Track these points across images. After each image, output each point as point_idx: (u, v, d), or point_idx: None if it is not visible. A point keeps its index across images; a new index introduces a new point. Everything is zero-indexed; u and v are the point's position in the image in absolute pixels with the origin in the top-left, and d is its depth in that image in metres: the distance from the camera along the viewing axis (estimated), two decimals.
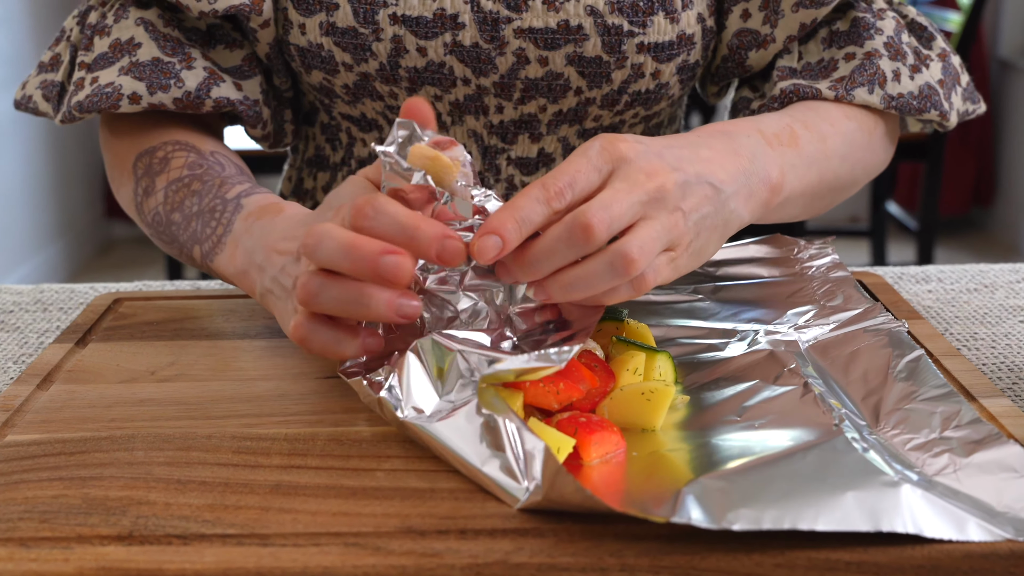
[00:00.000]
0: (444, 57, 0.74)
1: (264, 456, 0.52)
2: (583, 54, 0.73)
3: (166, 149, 0.72)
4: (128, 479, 0.50)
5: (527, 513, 0.46)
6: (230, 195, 0.67)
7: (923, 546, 0.43)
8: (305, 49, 0.75)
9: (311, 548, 0.44)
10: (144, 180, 0.72)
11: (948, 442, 0.50)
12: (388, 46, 0.73)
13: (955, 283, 0.78)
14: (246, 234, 0.63)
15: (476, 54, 0.73)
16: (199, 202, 0.68)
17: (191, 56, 0.74)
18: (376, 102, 0.77)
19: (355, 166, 0.82)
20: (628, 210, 0.53)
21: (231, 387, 0.59)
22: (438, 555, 0.44)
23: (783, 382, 0.55)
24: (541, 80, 0.74)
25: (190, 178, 0.69)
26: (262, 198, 0.66)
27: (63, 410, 0.57)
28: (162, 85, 0.73)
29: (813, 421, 0.52)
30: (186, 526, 0.46)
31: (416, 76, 0.74)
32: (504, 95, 0.75)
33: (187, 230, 0.68)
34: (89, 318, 0.69)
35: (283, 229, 0.61)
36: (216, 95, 0.74)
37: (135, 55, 0.74)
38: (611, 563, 0.43)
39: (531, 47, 0.73)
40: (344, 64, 0.75)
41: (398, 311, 0.52)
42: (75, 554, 0.44)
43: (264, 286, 0.60)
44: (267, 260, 0.60)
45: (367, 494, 0.48)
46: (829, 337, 0.60)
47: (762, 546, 0.43)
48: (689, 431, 0.53)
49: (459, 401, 0.51)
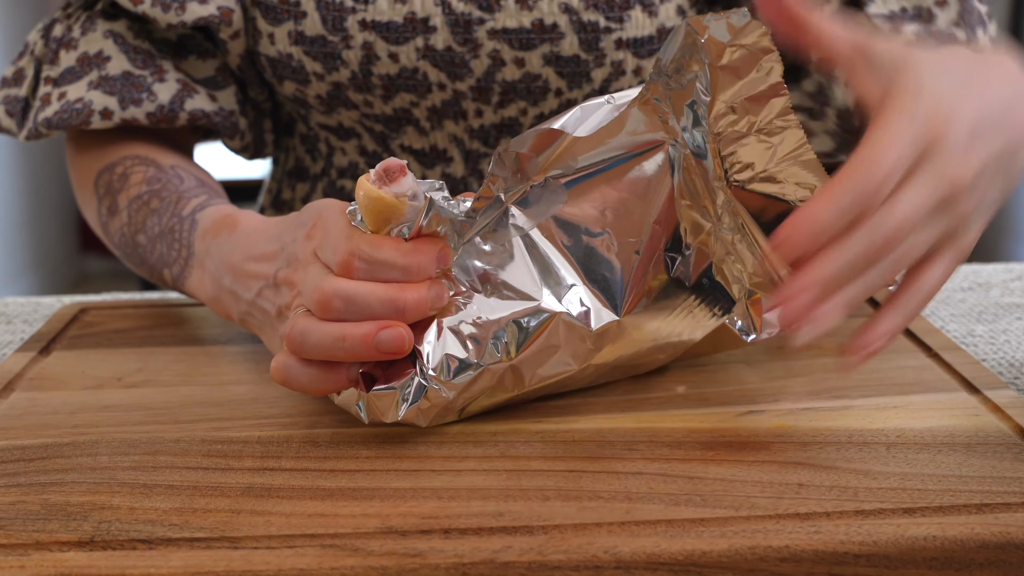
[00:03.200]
0: (417, 63, 0.71)
1: (236, 459, 0.49)
2: (560, 53, 0.71)
3: (125, 164, 0.69)
4: (91, 484, 0.47)
5: (516, 510, 0.43)
6: (185, 212, 0.64)
7: (936, 537, 0.41)
8: (275, 60, 0.73)
9: (285, 550, 0.41)
10: (106, 199, 0.69)
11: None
12: (359, 53, 0.71)
13: (948, 282, 0.76)
14: (207, 257, 0.60)
15: (450, 58, 0.71)
16: (159, 222, 0.65)
17: (163, 68, 0.72)
18: (351, 111, 0.75)
19: (335, 176, 0.80)
20: (930, 236, 0.46)
21: (201, 392, 0.56)
22: (421, 555, 0.41)
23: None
24: (519, 82, 0.72)
25: (148, 195, 0.66)
26: (215, 211, 0.62)
27: (23, 417, 0.54)
28: (134, 99, 0.70)
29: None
30: (151, 530, 0.43)
31: (390, 83, 0.72)
32: (482, 99, 0.73)
33: (154, 252, 0.65)
34: (54, 327, 0.66)
35: (244, 247, 0.56)
36: (190, 107, 0.72)
37: (104, 69, 0.71)
38: (605, 560, 0.41)
39: (506, 48, 0.71)
40: (315, 74, 0.72)
41: (377, 347, 0.47)
42: (32, 561, 0.41)
43: (241, 310, 0.57)
44: (237, 283, 0.56)
45: (345, 495, 0.45)
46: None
47: (766, 540, 0.41)
48: None
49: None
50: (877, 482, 0.45)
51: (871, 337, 0.47)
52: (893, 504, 0.43)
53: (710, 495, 0.44)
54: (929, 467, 0.46)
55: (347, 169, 0.79)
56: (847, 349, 0.47)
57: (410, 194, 0.48)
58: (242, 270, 0.56)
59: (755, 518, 0.43)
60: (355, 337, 0.47)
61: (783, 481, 0.45)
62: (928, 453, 0.47)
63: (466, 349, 0.49)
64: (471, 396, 0.50)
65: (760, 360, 0.59)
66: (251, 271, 0.55)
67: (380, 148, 0.77)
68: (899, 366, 0.57)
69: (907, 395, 0.54)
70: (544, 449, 0.49)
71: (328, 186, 0.80)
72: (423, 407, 0.49)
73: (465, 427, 0.51)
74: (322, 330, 0.47)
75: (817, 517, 0.43)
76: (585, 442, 0.49)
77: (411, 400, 0.49)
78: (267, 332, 0.55)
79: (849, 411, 0.52)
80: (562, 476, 0.46)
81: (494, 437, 0.50)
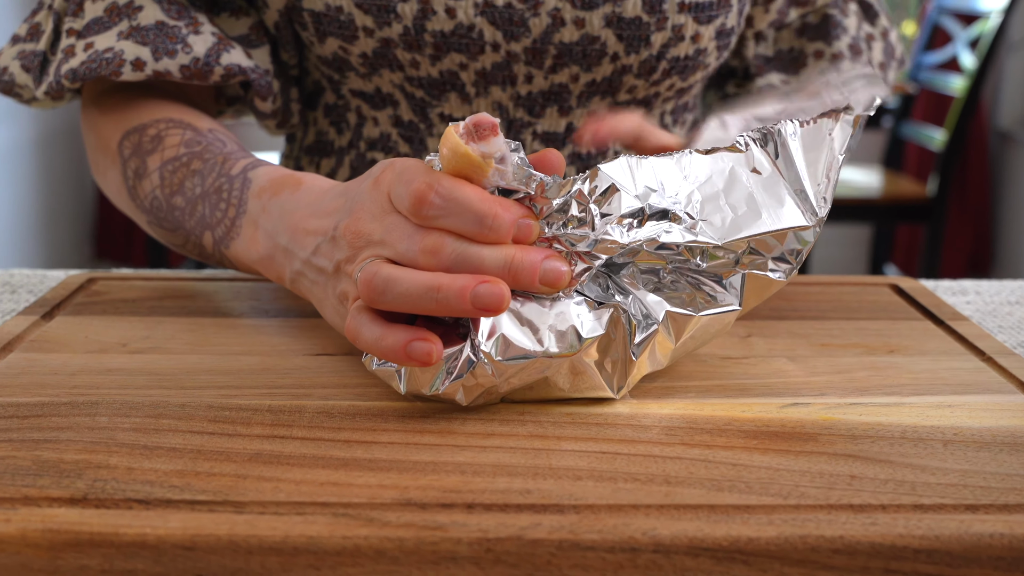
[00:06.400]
0: (474, 19, 0.68)
1: (244, 425, 0.45)
2: (622, 15, 0.68)
3: (158, 127, 0.65)
4: (87, 443, 0.43)
5: (545, 488, 0.40)
6: (235, 171, 0.60)
7: (1003, 535, 0.38)
8: (322, 14, 0.69)
9: (294, 517, 0.38)
10: (133, 160, 0.65)
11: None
12: (414, 7, 0.67)
13: (994, 296, 0.72)
14: (263, 214, 0.56)
15: (509, 15, 0.68)
16: (202, 183, 0.61)
17: (198, 20, 0.68)
18: (395, 73, 0.71)
19: (364, 148, 0.76)
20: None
21: (210, 360, 0.53)
22: (442, 528, 0.37)
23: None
24: (576, 45, 0.69)
25: (188, 156, 0.62)
26: (272, 170, 0.59)
27: (20, 376, 0.51)
28: (168, 50, 0.66)
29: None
30: (149, 491, 0.40)
31: (442, 42, 0.69)
32: (535, 63, 0.70)
33: (193, 215, 0.61)
34: (59, 294, 0.63)
35: (308, 204, 0.53)
36: (227, 62, 0.68)
37: (135, 19, 0.67)
38: (643, 542, 0.37)
39: (567, 7, 0.68)
40: (364, 28, 0.69)
41: (474, 302, 0.44)
42: (18, 515, 0.38)
43: (294, 269, 0.53)
44: (294, 241, 0.53)
45: (360, 465, 0.42)
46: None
47: (818, 529, 0.37)
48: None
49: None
50: (936, 477, 0.42)
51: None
52: (955, 500, 0.40)
53: (755, 482, 0.41)
54: (991, 465, 0.43)
55: (377, 141, 0.76)
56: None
57: (498, 156, 0.45)
58: (301, 227, 0.52)
59: (805, 507, 0.39)
60: (452, 288, 0.44)
61: (833, 472, 0.42)
62: (989, 452, 0.44)
63: (527, 334, 0.46)
64: (519, 384, 0.47)
65: (804, 356, 0.55)
66: (311, 227, 0.52)
67: (417, 118, 0.74)
68: (952, 367, 0.54)
69: (962, 395, 0.50)
70: (575, 430, 0.46)
71: (357, 159, 0.77)
72: (467, 384, 0.46)
73: (490, 405, 0.48)
74: (412, 278, 0.44)
75: (872, 509, 0.39)
76: (619, 425, 0.46)
77: (456, 374, 0.45)
78: (319, 292, 0.51)
79: (901, 407, 0.48)
80: (595, 457, 0.43)
81: (521, 416, 0.47)
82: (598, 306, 0.46)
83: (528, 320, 0.45)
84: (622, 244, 0.46)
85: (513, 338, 0.45)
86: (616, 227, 0.46)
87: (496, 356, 0.45)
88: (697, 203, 0.47)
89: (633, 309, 0.47)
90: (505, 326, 0.45)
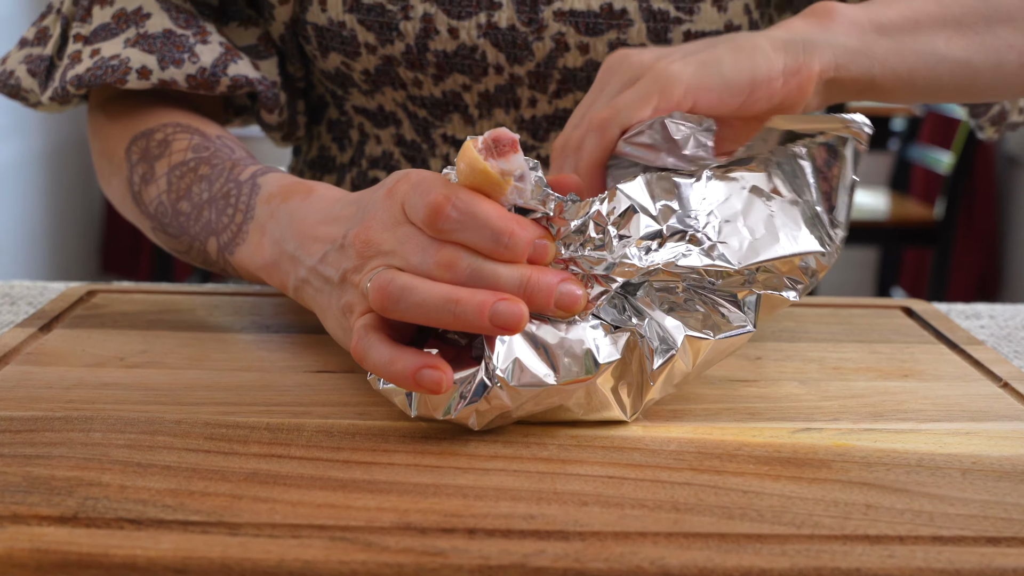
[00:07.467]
0: (477, 40, 0.67)
1: (241, 444, 0.44)
2: (627, 41, 0.67)
3: (166, 131, 0.64)
4: (80, 459, 0.42)
5: (549, 514, 0.39)
6: (243, 177, 0.58)
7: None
8: (324, 28, 0.68)
9: (289, 540, 0.37)
10: (140, 166, 0.64)
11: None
12: (417, 25, 0.67)
13: (1009, 320, 0.71)
14: (271, 220, 0.55)
15: (512, 38, 0.67)
16: (209, 188, 0.59)
17: (206, 30, 0.67)
18: (397, 91, 0.70)
19: (366, 166, 0.75)
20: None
21: (208, 375, 0.52)
22: (442, 554, 0.36)
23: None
24: (580, 71, 0.68)
25: (196, 161, 0.61)
26: (282, 177, 0.58)
27: (15, 389, 0.50)
28: (175, 59, 0.66)
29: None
30: (142, 510, 0.38)
31: (445, 62, 0.68)
32: (539, 87, 0.69)
33: (199, 220, 0.60)
34: (58, 306, 0.62)
35: (318, 211, 0.52)
36: (233, 72, 0.67)
37: (143, 26, 0.66)
38: (651, 572, 0.36)
39: (571, 32, 0.67)
40: (367, 45, 0.68)
41: (492, 319, 0.43)
42: (6, 533, 0.37)
43: (299, 277, 0.52)
44: (301, 248, 0.51)
45: (359, 487, 0.41)
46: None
47: (833, 560, 0.36)
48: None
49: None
50: (955, 508, 0.40)
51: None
52: (975, 532, 0.38)
53: (767, 510, 0.40)
54: (1012, 496, 0.41)
55: (380, 159, 0.75)
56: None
57: (517, 173, 0.44)
58: (310, 233, 0.51)
59: (819, 537, 0.38)
60: (470, 303, 0.42)
61: (848, 500, 0.40)
62: (1010, 482, 0.43)
63: (542, 358, 0.44)
64: (535, 410, 0.46)
65: (815, 379, 0.54)
66: (319, 234, 0.51)
67: (420, 138, 0.73)
68: (968, 393, 0.52)
69: (980, 422, 0.49)
70: (581, 454, 0.44)
71: (358, 176, 0.76)
72: (481, 408, 0.44)
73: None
74: (430, 288, 0.43)
75: (889, 540, 0.38)
76: (626, 449, 0.45)
77: (469, 399, 0.44)
78: (323, 301, 0.50)
79: (917, 434, 0.47)
80: (601, 481, 0.42)
81: (526, 439, 0.46)
82: (614, 330, 0.45)
83: (544, 343, 0.44)
84: (640, 267, 0.45)
85: (528, 363, 0.44)
86: (634, 250, 0.45)
87: (511, 382, 0.43)
88: (715, 225, 0.46)
89: (649, 333, 0.46)
90: (519, 349, 0.44)
